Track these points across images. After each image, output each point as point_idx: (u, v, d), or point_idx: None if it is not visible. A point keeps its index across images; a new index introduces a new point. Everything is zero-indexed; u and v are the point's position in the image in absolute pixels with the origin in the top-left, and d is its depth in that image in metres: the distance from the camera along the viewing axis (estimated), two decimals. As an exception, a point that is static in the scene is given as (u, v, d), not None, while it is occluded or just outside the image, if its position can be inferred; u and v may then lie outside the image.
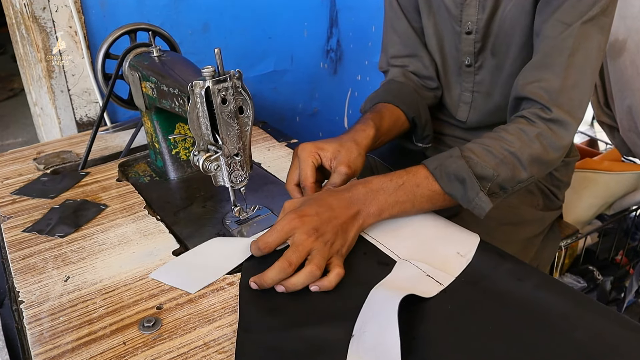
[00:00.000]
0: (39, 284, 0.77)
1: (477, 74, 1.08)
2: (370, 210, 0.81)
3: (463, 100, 1.13)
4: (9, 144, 2.99)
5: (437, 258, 0.76)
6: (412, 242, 0.80)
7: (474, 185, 0.82)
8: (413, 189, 0.82)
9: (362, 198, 0.81)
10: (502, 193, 0.86)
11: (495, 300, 0.69)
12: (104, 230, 0.90)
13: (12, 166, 1.16)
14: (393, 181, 0.83)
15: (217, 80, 0.75)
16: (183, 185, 1.05)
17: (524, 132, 0.86)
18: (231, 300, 0.72)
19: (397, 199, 0.82)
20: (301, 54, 1.78)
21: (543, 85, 0.88)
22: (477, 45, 1.04)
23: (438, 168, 0.83)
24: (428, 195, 0.83)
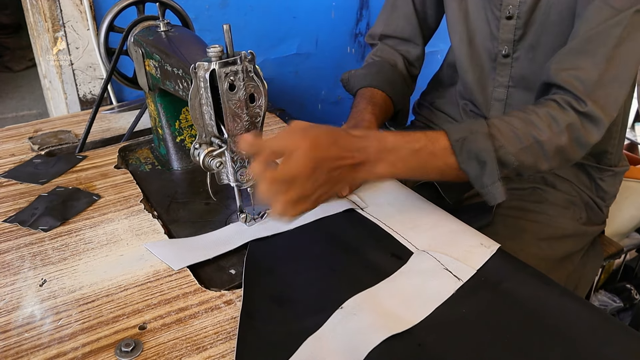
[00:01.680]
0: (11, 286, 0.67)
1: (514, 67, 0.98)
2: (376, 168, 0.73)
3: (496, 98, 1.02)
4: (23, 115, 2.92)
5: (459, 248, 0.73)
6: (432, 233, 0.76)
7: (493, 173, 0.76)
8: (427, 158, 0.76)
9: (373, 152, 0.72)
10: (515, 178, 0.84)
11: (513, 308, 0.63)
12: (92, 225, 0.80)
13: (6, 144, 1.07)
14: (409, 144, 0.75)
15: (225, 62, 0.64)
16: (186, 177, 0.94)
17: (555, 120, 0.78)
18: (226, 323, 0.61)
19: (408, 165, 0.75)
20: (327, 36, 1.66)
21: (580, 75, 0.79)
22: (517, 32, 0.94)
23: (460, 141, 0.76)
24: (441, 167, 0.77)
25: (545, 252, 0.97)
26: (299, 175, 0.64)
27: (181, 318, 0.62)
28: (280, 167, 0.64)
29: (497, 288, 0.66)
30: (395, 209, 0.83)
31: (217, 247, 0.73)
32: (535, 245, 0.96)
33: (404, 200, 0.85)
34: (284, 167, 0.64)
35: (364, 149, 0.72)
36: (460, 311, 0.62)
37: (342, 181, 0.71)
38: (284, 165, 0.64)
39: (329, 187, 0.69)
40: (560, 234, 1.00)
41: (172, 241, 0.75)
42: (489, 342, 0.58)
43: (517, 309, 0.63)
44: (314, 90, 1.72)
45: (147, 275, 0.69)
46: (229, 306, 0.63)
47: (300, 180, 0.64)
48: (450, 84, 1.19)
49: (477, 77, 1.04)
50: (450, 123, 1.17)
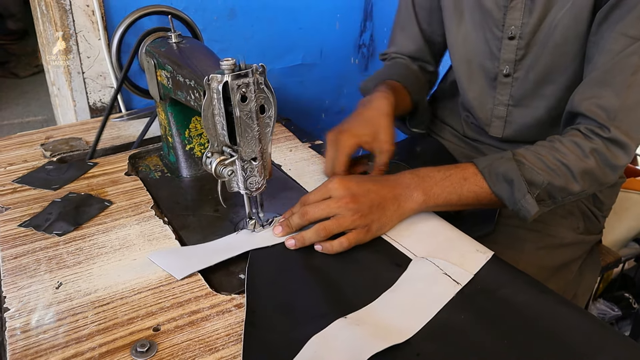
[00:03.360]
0: (28, 289, 0.70)
1: (514, 86, 0.99)
2: (414, 194, 0.80)
3: (496, 115, 1.04)
4: (29, 121, 2.95)
5: (455, 254, 0.75)
6: (430, 241, 0.78)
7: (522, 187, 0.79)
8: (460, 182, 0.81)
9: (408, 182, 0.81)
10: (550, 202, 0.83)
11: (510, 316, 0.65)
12: (105, 230, 0.82)
13: (18, 151, 1.09)
14: (440, 172, 0.82)
15: (237, 74, 0.66)
16: (195, 185, 0.96)
17: (579, 146, 0.82)
18: (237, 326, 0.63)
19: (443, 189, 0.81)
20: (331, 47, 1.69)
21: (601, 103, 0.82)
22: (519, 52, 0.95)
23: (487, 167, 0.82)
24: (475, 191, 0.81)
25: (544, 261, 0.99)
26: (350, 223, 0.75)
27: (194, 320, 0.64)
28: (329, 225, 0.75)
29: (494, 295, 0.68)
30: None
31: (219, 254, 0.74)
32: (534, 254, 0.98)
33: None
34: (332, 224, 0.75)
35: (399, 181, 0.81)
36: (459, 318, 0.64)
37: (389, 209, 0.78)
38: (333, 223, 0.75)
39: (377, 215, 0.77)
40: (559, 242, 1.02)
41: (174, 250, 0.77)
42: (487, 351, 0.59)
43: (514, 317, 0.64)
44: (318, 100, 1.75)
45: (160, 279, 0.71)
46: (239, 309, 0.66)
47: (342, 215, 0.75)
48: (453, 96, 1.22)
49: (476, 95, 1.06)
50: (452, 134, 1.19)
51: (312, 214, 0.76)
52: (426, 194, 0.80)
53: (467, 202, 0.82)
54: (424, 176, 0.82)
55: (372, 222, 0.76)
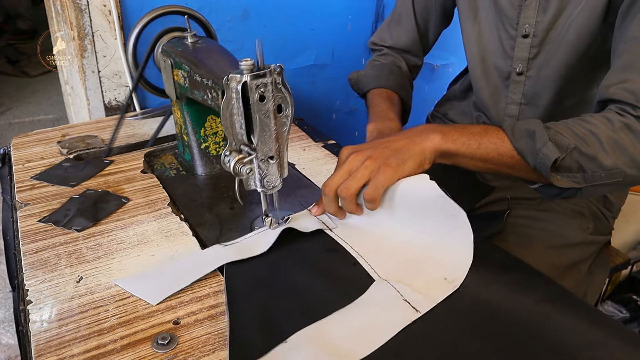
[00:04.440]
0: (49, 282, 0.71)
1: (527, 84, 1.00)
2: (430, 134, 0.78)
3: (508, 114, 1.05)
4: (40, 119, 2.98)
5: (421, 280, 0.70)
6: (397, 261, 0.74)
7: (543, 136, 0.75)
8: (481, 133, 0.79)
9: (422, 128, 0.80)
10: (580, 177, 0.77)
11: (499, 314, 0.64)
12: (123, 226, 0.84)
13: (35, 148, 1.11)
14: (458, 125, 0.81)
15: (256, 74, 0.68)
16: (211, 183, 0.98)
17: (609, 119, 0.78)
18: (255, 320, 0.64)
19: (462, 133, 0.78)
20: (343, 48, 1.70)
21: (628, 87, 0.80)
22: (532, 50, 0.96)
23: (510, 125, 0.80)
24: (496, 143, 0.78)
25: (553, 260, 0.99)
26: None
27: (212, 315, 0.65)
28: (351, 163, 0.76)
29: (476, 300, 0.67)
30: (363, 231, 0.80)
31: (192, 273, 0.72)
32: (543, 253, 0.99)
33: (374, 221, 0.80)
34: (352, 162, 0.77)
35: (412, 131, 0.80)
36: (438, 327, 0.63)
37: (402, 149, 0.76)
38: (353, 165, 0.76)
39: (397, 155, 0.75)
40: (568, 242, 1.03)
41: (145, 275, 0.73)
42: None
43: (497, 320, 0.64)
44: (329, 100, 1.76)
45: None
46: (256, 304, 0.67)
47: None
48: (464, 98, 1.23)
49: (489, 94, 1.07)
50: None
51: (330, 185, 0.77)
52: (443, 134, 0.78)
53: (487, 155, 0.79)
54: (442, 125, 0.81)
55: (388, 157, 0.75)
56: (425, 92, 1.86)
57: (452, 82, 1.32)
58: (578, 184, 0.77)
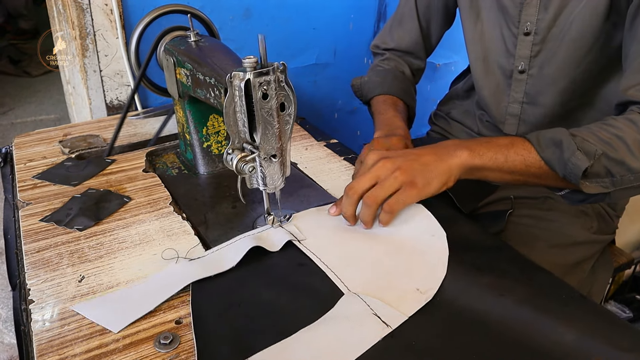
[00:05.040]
0: (51, 282, 0.71)
1: (529, 82, 1.00)
2: (457, 151, 0.77)
3: (510, 113, 1.05)
4: (42, 119, 2.98)
5: (392, 293, 0.67)
6: (368, 274, 0.71)
7: (571, 145, 0.75)
8: (507, 145, 0.79)
9: (448, 143, 0.80)
10: (609, 181, 0.77)
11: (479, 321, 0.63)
12: (125, 225, 0.83)
13: (37, 147, 1.11)
14: (483, 138, 0.81)
15: (259, 72, 0.67)
16: (213, 182, 0.98)
17: (634, 122, 0.77)
18: (258, 320, 0.64)
19: (489, 148, 0.78)
20: (345, 47, 1.70)
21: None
22: (534, 48, 0.96)
23: (535, 135, 0.79)
24: (523, 154, 0.78)
25: (557, 259, 0.99)
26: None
27: (215, 314, 0.65)
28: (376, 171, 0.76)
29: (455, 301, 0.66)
30: (334, 242, 0.77)
31: (160, 293, 0.68)
32: (546, 252, 0.98)
33: (345, 232, 0.79)
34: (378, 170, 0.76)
35: (440, 146, 0.80)
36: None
37: (430, 166, 0.76)
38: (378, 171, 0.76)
39: (421, 172, 0.75)
40: (572, 241, 1.02)
41: (108, 299, 0.68)
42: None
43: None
44: (331, 99, 1.75)
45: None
46: (259, 304, 0.67)
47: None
48: (467, 97, 1.23)
49: (492, 92, 1.07)
50: (467, 133, 1.20)
51: (355, 188, 0.76)
52: (470, 149, 0.77)
53: (514, 167, 0.78)
54: (465, 140, 0.80)
55: (416, 175, 0.75)
56: (427, 91, 1.86)
57: (455, 81, 1.32)
58: (607, 188, 0.77)
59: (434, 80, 1.87)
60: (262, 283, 0.70)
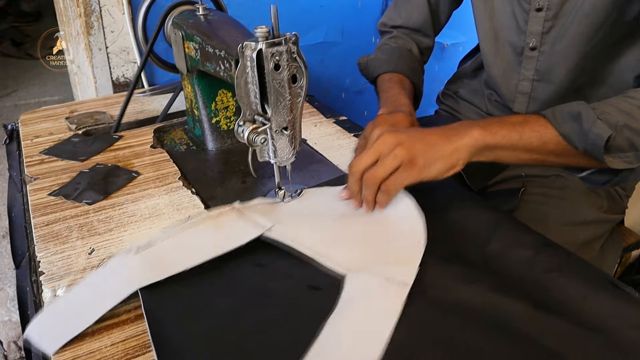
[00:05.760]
0: (61, 254, 0.70)
1: (540, 60, 0.98)
2: (468, 130, 0.72)
3: (520, 91, 1.03)
4: (46, 101, 2.97)
5: (390, 254, 0.66)
6: (362, 248, 0.68)
7: (590, 115, 0.70)
8: (521, 123, 0.74)
9: (459, 124, 0.75)
10: (633, 155, 0.73)
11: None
12: (134, 200, 0.83)
13: (44, 124, 1.10)
14: (495, 118, 0.77)
15: (272, 42, 0.66)
16: (222, 157, 0.97)
17: None
18: (271, 292, 0.63)
19: (502, 126, 0.73)
20: (353, 26, 1.68)
21: None
22: (546, 24, 0.94)
23: (550, 111, 0.75)
24: (539, 130, 0.73)
25: (567, 238, 0.98)
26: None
27: (227, 285, 0.64)
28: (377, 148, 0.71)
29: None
30: (309, 224, 0.72)
31: (98, 304, 0.60)
32: (557, 230, 0.97)
33: (318, 210, 0.74)
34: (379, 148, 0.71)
35: (450, 127, 0.75)
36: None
37: (435, 146, 0.71)
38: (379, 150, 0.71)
39: (422, 150, 0.71)
40: (582, 220, 1.01)
41: (42, 316, 0.59)
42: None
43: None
44: (338, 79, 1.74)
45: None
46: (271, 276, 0.66)
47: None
48: (475, 76, 1.21)
49: (502, 71, 1.05)
50: (475, 112, 1.19)
51: (358, 165, 0.72)
52: (483, 128, 0.72)
53: (530, 144, 0.74)
54: (476, 120, 0.76)
55: (417, 154, 0.69)
56: (435, 71, 1.84)
57: (463, 60, 1.31)
58: (631, 163, 0.73)
59: (441, 60, 1.85)
60: (230, 291, 0.62)
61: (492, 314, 0.58)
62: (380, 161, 0.71)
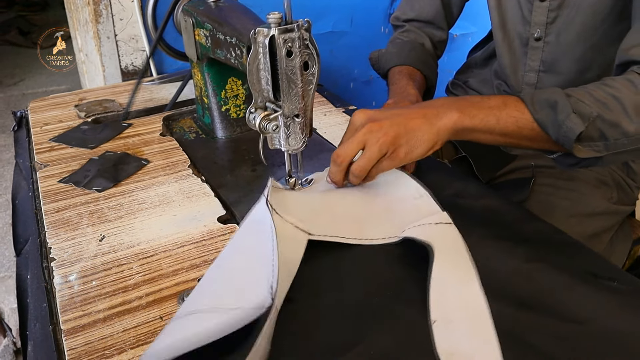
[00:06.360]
0: (72, 241, 0.70)
1: (545, 50, 0.98)
2: (447, 112, 0.73)
3: (526, 82, 1.03)
4: (53, 90, 2.97)
5: (409, 207, 0.71)
6: (386, 218, 0.72)
7: (566, 107, 0.71)
8: (499, 106, 0.74)
9: (440, 102, 0.75)
10: (602, 145, 0.73)
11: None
12: (144, 187, 0.82)
13: (53, 112, 1.10)
14: (478, 97, 0.77)
15: (284, 29, 0.66)
16: (231, 146, 0.96)
17: (633, 83, 0.73)
18: (282, 279, 0.63)
19: (480, 109, 0.74)
20: (362, 15, 1.67)
21: None
22: (550, 14, 0.94)
23: (529, 95, 0.75)
24: (515, 116, 0.74)
25: (575, 229, 0.97)
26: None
27: (238, 273, 0.64)
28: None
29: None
30: (328, 212, 0.73)
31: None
32: (565, 222, 0.97)
33: (327, 198, 0.75)
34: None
35: (430, 104, 0.76)
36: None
37: (420, 129, 0.71)
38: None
39: (406, 139, 0.71)
40: (591, 211, 1.01)
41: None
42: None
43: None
44: (347, 69, 1.73)
45: (202, 234, 0.71)
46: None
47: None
48: (484, 66, 1.21)
49: (510, 61, 1.05)
50: None
51: (342, 154, 0.71)
52: (461, 111, 0.73)
53: (506, 128, 0.75)
54: (459, 98, 0.77)
55: (400, 144, 0.70)
56: (444, 62, 1.81)
57: (473, 50, 1.30)
58: (599, 152, 0.74)
59: (450, 51, 1.83)
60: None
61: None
62: (366, 152, 0.70)
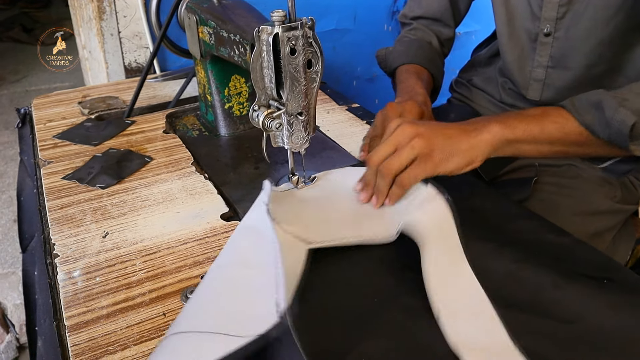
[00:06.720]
0: (75, 237, 0.71)
1: (554, 46, 0.97)
2: (487, 125, 0.72)
3: (534, 78, 1.02)
4: (56, 87, 2.97)
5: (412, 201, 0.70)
6: (381, 214, 0.71)
7: (611, 102, 0.69)
8: (541, 115, 0.73)
9: (478, 119, 0.74)
10: None
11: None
12: (147, 184, 0.83)
13: (56, 108, 1.10)
14: (514, 112, 0.76)
15: (288, 27, 0.66)
16: (234, 143, 0.96)
17: None
18: (285, 276, 0.63)
19: (521, 120, 0.72)
20: (365, 13, 1.67)
21: None
22: (560, 10, 0.93)
23: (569, 101, 0.74)
24: (559, 122, 0.73)
25: (578, 228, 0.97)
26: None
27: (241, 270, 0.64)
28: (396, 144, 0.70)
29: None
30: (326, 214, 0.73)
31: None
32: (568, 220, 0.96)
33: (329, 197, 0.76)
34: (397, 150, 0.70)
35: (469, 122, 0.74)
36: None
37: (454, 140, 0.70)
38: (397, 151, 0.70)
39: (441, 144, 0.70)
40: (594, 210, 1.00)
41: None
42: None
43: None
44: (350, 66, 1.73)
45: (205, 231, 0.72)
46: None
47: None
48: (489, 64, 1.20)
49: (516, 57, 1.04)
50: (489, 101, 1.18)
51: (376, 157, 0.71)
52: (502, 123, 0.72)
53: (551, 136, 0.73)
54: (500, 115, 0.75)
55: (434, 147, 0.68)
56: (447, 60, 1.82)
57: (477, 48, 1.30)
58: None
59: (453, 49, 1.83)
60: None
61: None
62: (397, 152, 0.70)
